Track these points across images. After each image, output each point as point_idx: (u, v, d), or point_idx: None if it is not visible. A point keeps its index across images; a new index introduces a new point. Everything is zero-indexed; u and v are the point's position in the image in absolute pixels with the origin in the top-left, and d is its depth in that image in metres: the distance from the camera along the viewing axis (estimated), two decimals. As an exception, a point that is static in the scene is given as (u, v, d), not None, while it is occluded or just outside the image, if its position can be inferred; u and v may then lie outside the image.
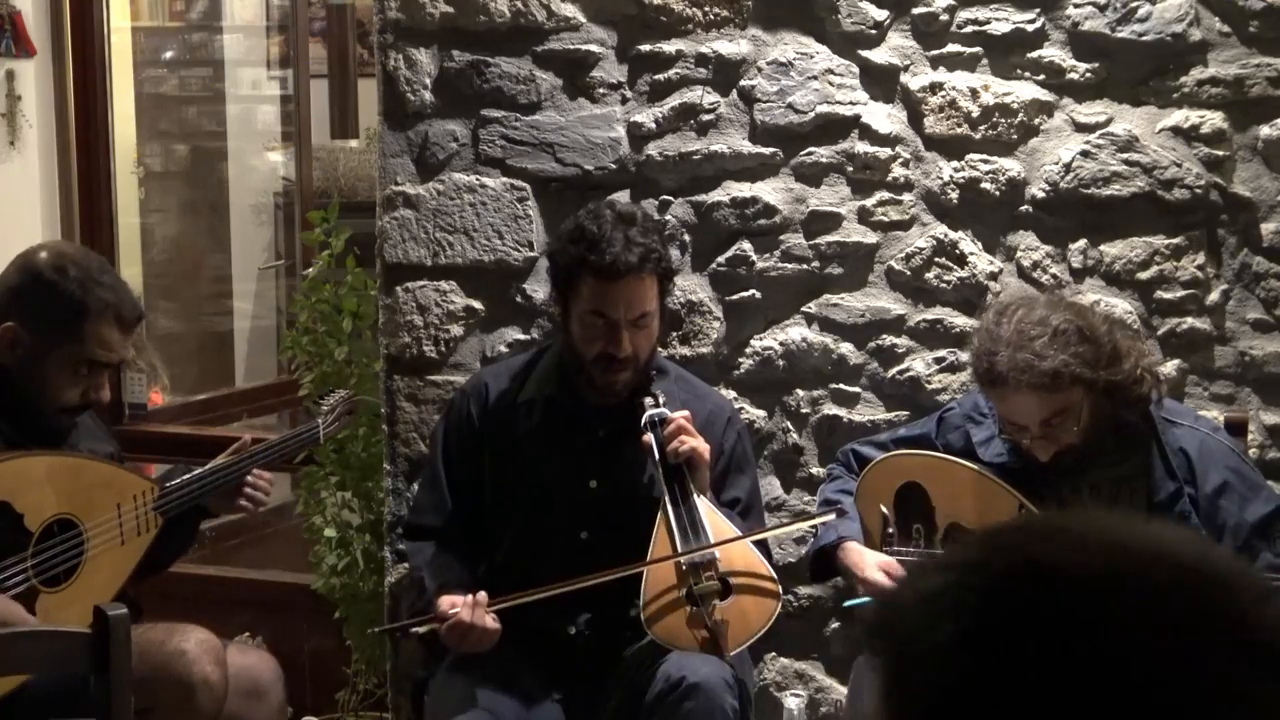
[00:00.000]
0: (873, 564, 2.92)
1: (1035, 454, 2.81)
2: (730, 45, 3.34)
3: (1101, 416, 2.78)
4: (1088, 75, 3.27)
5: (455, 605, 2.83)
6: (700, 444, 2.91)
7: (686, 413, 2.96)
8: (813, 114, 3.33)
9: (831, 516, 2.98)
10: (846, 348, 3.39)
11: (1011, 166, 3.31)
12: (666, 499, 2.88)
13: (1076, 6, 3.25)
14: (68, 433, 3.02)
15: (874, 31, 3.31)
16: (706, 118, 3.36)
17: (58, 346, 2.89)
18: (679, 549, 2.83)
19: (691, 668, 2.76)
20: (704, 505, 2.90)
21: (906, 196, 3.35)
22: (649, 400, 2.97)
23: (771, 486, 3.41)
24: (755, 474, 3.21)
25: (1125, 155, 3.26)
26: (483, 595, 2.85)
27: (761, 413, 3.42)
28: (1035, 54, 3.28)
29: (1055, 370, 2.70)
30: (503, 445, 3.07)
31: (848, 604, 3.01)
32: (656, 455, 2.90)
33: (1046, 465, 2.87)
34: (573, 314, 2.99)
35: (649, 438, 2.91)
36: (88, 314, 2.90)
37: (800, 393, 3.41)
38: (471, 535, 3.08)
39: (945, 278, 3.35)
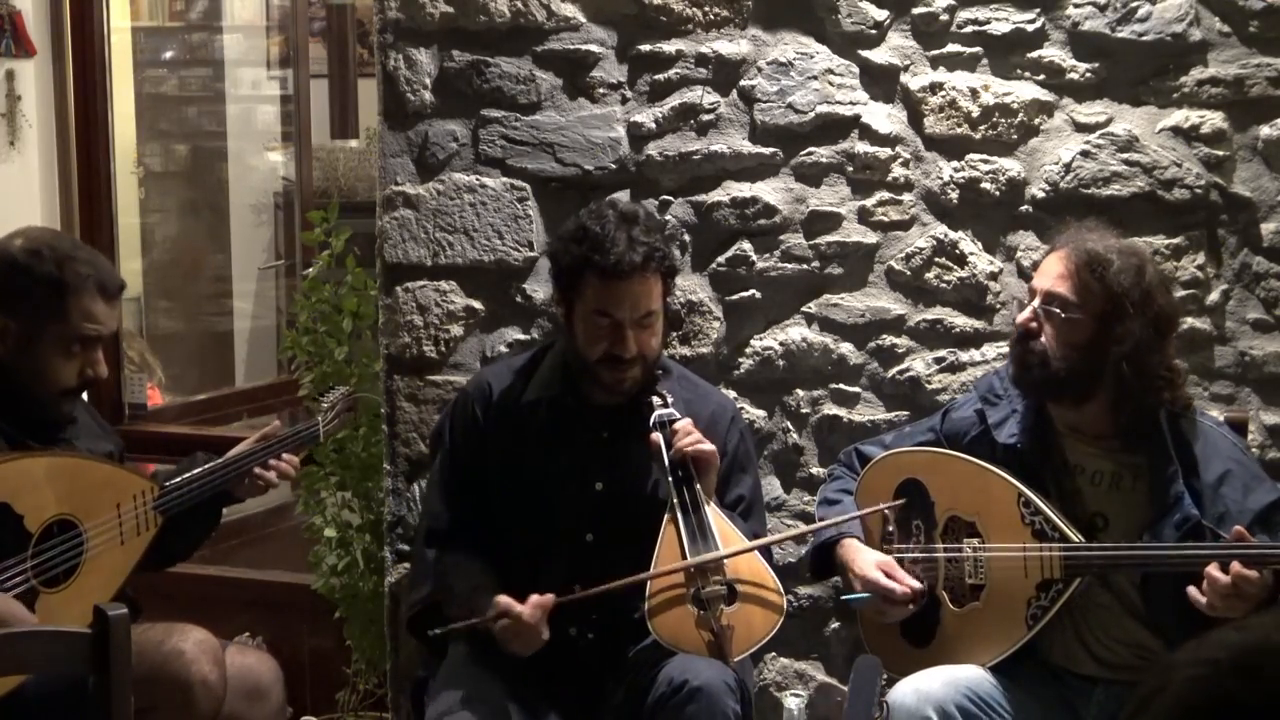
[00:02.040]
0: (870, 561, 2.92)
1: (1018, 318, 2.88)
2: (730, 45, 3.34)
3: (1082, 361, 2.79)
4: (1088, 75, 3.27)
5: (515, 605, 2.82)
6: (711, 448, 2.91)
7: (689, 420, 2.95)
8: (813, 114, 3.33)
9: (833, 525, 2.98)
10: (846, 348, 3.39)
11: (1011, 166, 3.31)
12: (675, 501, 2.87)
13: (1076, 6, 3.25)
14: (69, 422, 3.02)
15: (874, 31, 3.31)
16: (706, 118, 3.36)
17: (46, 328, 2.90)
18: (687, 553, 2.82)
19: (694, 671, 2.76)
20: (711, 509, 2.89)
21: (906, 196, 3.35)
22: (656, 400, 2.96)
23: (772, 486, 3.41)
24: (757, 473, 3.21)
25: (1125, 155, 3.26)
26: (549, 598, 2.85)
27: (761, 413, 3.42)
28: (1035, 54, 3.28)
29: (1088, 258, 2.78)
30: (507, 446, 3.06)
31: (845, 598, 3.01)
32: (665, 456, 2.89)
33: (1051, 454, 2.87)
34: (577, 314, 2.98)
35: (657, 437, 2.91)
36: (68, 290, 2.90)
37: (800, 393, 3.41)
38: (483, 537, 3.06)
39: (945, 278, 3.35)
